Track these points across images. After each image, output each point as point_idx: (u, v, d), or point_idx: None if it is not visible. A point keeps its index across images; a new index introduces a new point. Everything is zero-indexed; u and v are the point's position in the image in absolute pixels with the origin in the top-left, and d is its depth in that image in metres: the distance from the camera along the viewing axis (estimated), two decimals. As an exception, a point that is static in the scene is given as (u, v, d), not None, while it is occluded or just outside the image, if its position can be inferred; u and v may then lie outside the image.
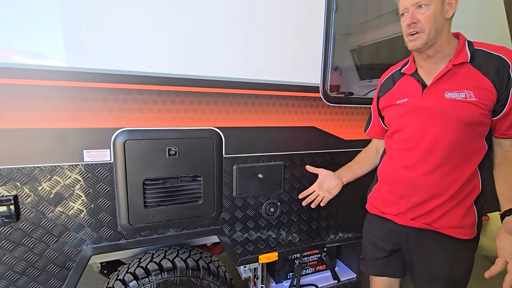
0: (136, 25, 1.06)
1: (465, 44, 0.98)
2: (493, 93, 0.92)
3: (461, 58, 0.95)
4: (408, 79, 1.08)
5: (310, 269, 1.80)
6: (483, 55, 0.95)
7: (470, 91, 0.93)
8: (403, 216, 1.09)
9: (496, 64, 0.92)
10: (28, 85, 0.95)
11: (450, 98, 0.96)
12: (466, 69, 0.95)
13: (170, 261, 1.25)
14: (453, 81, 0.96)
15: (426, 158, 1.01)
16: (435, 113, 0.98)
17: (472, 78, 0.94)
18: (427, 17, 0.92)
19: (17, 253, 1.02)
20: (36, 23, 0.94)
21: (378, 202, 1.20)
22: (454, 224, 1.01)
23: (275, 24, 1.26)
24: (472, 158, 0.98)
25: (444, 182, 0.99)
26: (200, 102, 1.18)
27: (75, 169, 1.05)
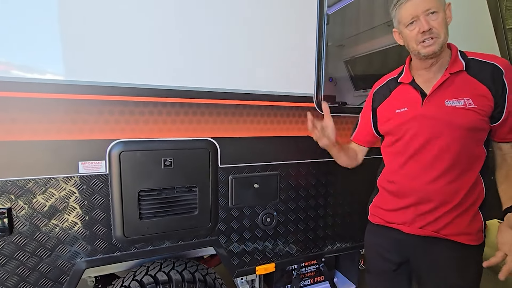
0: (132, 37, 1.08)
1: (458, 53, 1.01)
2: (490, 99, 0.94)
3: (457, 67, 0.98)
4: (405, 88, 1.09)
5: (308, 280, 1.78)
6: (477, 63, 0.98)
7: (469, 98, 0.95)
8: (411, 225, 1.07)
9: (491, 71, 0.95)
10: (24, 98, 0.97)
11: (450, 106, 0.97)
12: (463, 77, 0.98)
13: (166, 273, 1.23)
14: (452, 89, 0.98)
15: (431, 166, 1.01)
16: (437, 121, 0.99)
17: (470, 86, 0.96)
18: (439, 23, 0.94)
19: (9, 268, 1.01)
20: (30, 36, 0.96)
21: (381, 212, 1.18)
22: (462, 231, 1.01)
23: (269, 37, 1.30)
24: (474, 164, 1.00)
25: (450, 189, 0.99)
26: (196, 113, 1.20)
27: (70, 181, 1.05)
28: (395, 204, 1.12)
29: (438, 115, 0.99)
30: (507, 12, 4.51)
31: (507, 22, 4.38)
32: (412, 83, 1.06)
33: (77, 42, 1.02)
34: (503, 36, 1.99)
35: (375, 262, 1.21)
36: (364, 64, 2.52)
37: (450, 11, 0.98)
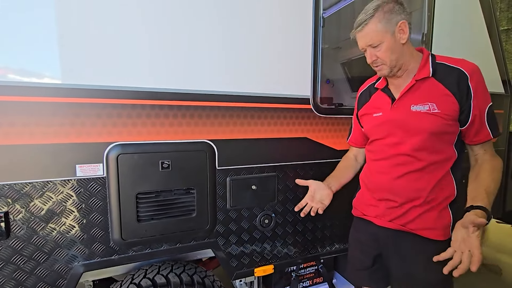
0: (129, 40, 1.09)
1: (428, 59, 1.05)
2: (455, 104, 0.99)
3: (423, 74, 1.03)
4: (380, 94, 1.17)
5: (307, 281, 1.78)
6: (444, 68, 1.02)
7: (433, 103, 1.01)
8: (382, 218, 1.15)
9: (456, 76, 0.99)
10: (22, 101, 0.97)
11: (415, 111, 1.03)
12: (430, 83, 1.03)
13: (164, 276, 1.23)
14: (417, 94, 1.04)
15: (399, 165, 1.08)
16: (404, 125, 1.06)
17: (435, 91, 1.01)
18: (383, 53, 1.02)
19: (6, 272, 1.00)
20: (27, 39, 0.97)
21: (361, 205, 1.26)
22: (428, 226, 1.06)
23: (266, 39, 1.31)
24: (443, 164, 1.04)
25: (416, 187, 1.05)
26: (193, 115, 1.20)
27: (68, 184, 1.05)
28: (370, 198, 1.21)
29: (404, 119, 1.06)
30: (501, 13, 4.57)
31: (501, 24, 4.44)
32: (385, 89, 1.15)
33: (74, 45, 1.02)
34: (497, 37, 2.01)
35: (355, 256, 1.29)
36: (361, 66, 2.54)
37: (405, 27, 0.99)
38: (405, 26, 1.00)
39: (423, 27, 1.72)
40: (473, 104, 0.98)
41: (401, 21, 0.99)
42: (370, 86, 1.25)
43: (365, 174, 1.25)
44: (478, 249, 0.87)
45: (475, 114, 0.98)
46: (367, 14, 1.01)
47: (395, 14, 0.99)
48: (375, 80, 1.23)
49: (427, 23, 1.71)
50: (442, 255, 0.93)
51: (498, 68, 2.03)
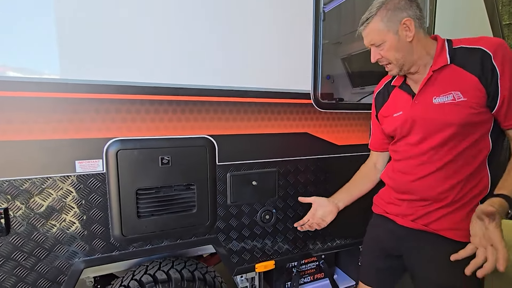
0: (128, 35, 1.08)
1: (444, 46, 0.96)
2: (482, 89, 0.88)
3: (440, 62, 0.94)
4: (398, 91, 1.09)
5: (309, 277, 1.78)
6: (463, 51, 0.92)
7: (457, 91, 0.91)
8: (404, 218, 1.08)
9: (478, 57, 0.89)
10: (19, 97, 0.96)
11: (438, 103, 0.94)
12: (450, 70, 0.94)
13: (165, 272, 1.23)
14: (438, 85, 0.95)
15: (424, 165, 1.00)
16: (427, 121, 0.97)
17: (458, 78, 0.92)
18: (386, 52, 0.96)
19: (7, 268, 1.00)
20: (24, 35, 0.96)
21: (382, 202, 1.19)
22: (453, 226, 0.98)
23: (266, 34, 1.30)
24: (475, 159, 0.95)
25: (443, 186, 0.97)
26: (192, 110, 1.19)
27: (67, 180, 1.05)
28: (393, 196, 1.12)
29: (427, 115, 0.97)
30: (503, 8, 4.52)
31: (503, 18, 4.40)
32: (402, 86, 1.06)
33: (73, 40, 1.01)
34: (500, 32, 1.99)
35: (369, 253, 1.23)
36: (361, 61, 2.52)
37: (410, 25, 0.92)
38: (410, 24, 0.92)
39: (425, 21, 1.70)
40: (500, 84, 0.86)
41: (406, 18, 0.92)
42: (387, 84, 1.16)
43: (387, 172, 1.18)
44: (501, 243, 0.75)
45: (504, 95, 0.87)
46: (370, 12, 0.96)
47: (399, 11, 0.93)
48: (392, 78, 1.14)
49: (429, 18, 1.69)
50: (460, 253, 0.82)
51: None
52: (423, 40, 0.96)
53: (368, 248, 1.25)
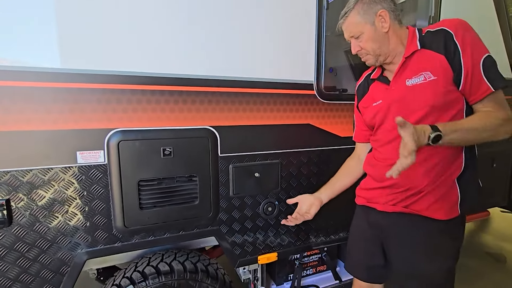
0: (129, 24, 1.06)
1: (414, 34, 1.01)
2: (448, 66, 0.93)
3: (411, 49, 1.00)
4: (377, 83, 1.14)
5: (311, 269, 1.78)
6: (430, 35, 0.98)
7: (427, 71, 0.96)
8: (385, 204, 1.12)
9: (442, 37, 0.94)
10: (19, 87, 0.95)
11: (411, 85, 0.99)
12: (420, 54, 0.99)
13: (168, 264, 1.23)
14: (410, 68, 1.00)
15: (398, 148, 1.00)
16: (403, 103, 1.01)
17: (427, 59, 0.97)
18: (364, 43, 1.02)
19: (10, 259, 1.00)
20: (27, 23, 0.94)
21: (363, 192, 1.23)
22: (431, 206, 1.01)
23: (269, 23, 1.27)
24: None
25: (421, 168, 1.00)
26: (194, 101, 1.18)
27: (69, 171, 1.04)
28: (374, 185, 1.17)
29: (402, 97, 1.01)
30: (509, -1, 4.45)
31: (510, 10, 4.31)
32: (380, 78, 1.12)
33: (73, 29, 0.99)
34: (506, 22, 1.95)
35: (354, 246, 1.28)
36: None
37: (385, 16, 0.98)
38: (385, 15, 0.98)
39: (430, 10, 1.67)
40: (463, 60, 0.91)
41: (381, 10, 0.98)
42: (367, 77, 1.22)
43: (368, 161, 1.22)
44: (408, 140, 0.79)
45: (467, 70, 0.91)
46: (348, 7, 1.04)
47: (374, 4, 0.99)
48: (371, 71, 1.20)
49: (434, 6, 1.65)
50: None
51: (507, 53, 1.98)
52: (398, 31, 1.03)
53: (353, 241, 1.30)
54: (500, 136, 0.91)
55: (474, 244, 2.97)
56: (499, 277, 2.34)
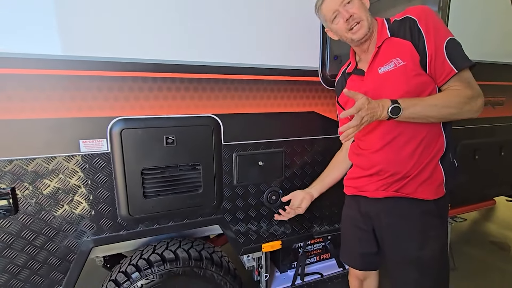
0: (129, 10, 1.03)
1: (384, 23, 1.05)
2: (415, 51, 0.97)
3: (382, 38, 1.03)
4: (353, 77, 1.17)
5: (315, 257, 1.79)
6: (397, 23, 1.02)
7: (397, 58, 0.99)
8: (374, 190, 1.13)
9: (407, 24, 0.99)
10: (21, 74, 0.94)
11: (383, 72, 1.02)
12: (390, 42, 1.02)
13: (173, 252, 1.24)
14: (381, 56, 1.04)
15: (384, 136, 1.05)
16: (377, 91, 1.03)
17: (396, 47, 1.00)
18: (358, 8, 1.01)
19: (18, 246, 1.01)
20: (28, 9, 0.92)
21: (351, 181, 1.24)
22: (420, 187, 1.04)
23: (273, 9, 1.24)
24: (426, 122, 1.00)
25: (404, 152, 1.03)
26: (197, 88, 1.16)
27: (72, 159, 1.04)
28: (361, 172, 1.18)
29: (376, 85, 1.04)
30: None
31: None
32: (355, 70, 1.15)
33: (74, 15, 0.97)
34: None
35: (347, 235, 1.30)
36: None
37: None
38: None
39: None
40: (427, 44, 0.95)
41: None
42: (343, 72, 1.24)
43: (353, 150, 1.23)
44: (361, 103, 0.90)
45: (431, 52, 0.95)
46: None
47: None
48: (346, 66, 1.22)
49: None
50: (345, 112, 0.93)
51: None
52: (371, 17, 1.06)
53: (346, 230, 1.32)
54: (465, 114, 0.95)
55: (479, 233, 2.97)
56: (503, 266, 2.33)
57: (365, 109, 0.90)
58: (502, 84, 1.89)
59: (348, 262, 1.32)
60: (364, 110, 0.90)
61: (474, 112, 0.96)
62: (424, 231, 1.06)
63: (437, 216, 1.07)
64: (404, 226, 1.08)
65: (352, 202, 1.25)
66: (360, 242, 1.23)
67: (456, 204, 1.93)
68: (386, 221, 1.12)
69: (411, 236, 1.07)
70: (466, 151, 1.82)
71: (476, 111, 0.96)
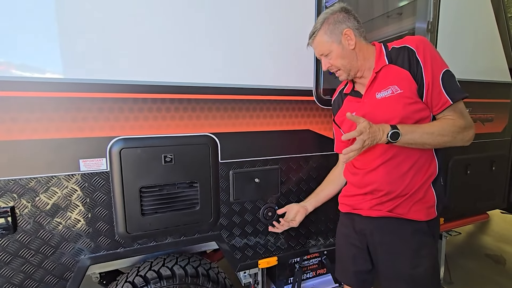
0: (130, 35, 1.08)
1: (382, 50, 1.09)
2: (412, 80, 1.01)
3: (380, 64, 1.07)
4: (350, 98, 1.21)
5: (311, 273, 1.79)
6: (395, 51, 1.06)
7: (394, 85, 1.03)
8: (368, 209, 1.16)
9: (406, 54, 1.03)
10: (24, 97, 0.97)
11: (381, 98, 1.06)
12: (388, 69, 1.06)
13: (169, 268, 1.24)
14: (379, 82, 1.08)
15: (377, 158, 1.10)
16: (374, 115, 1.07)
17: (394, 74, 1.04)
18: (334, 60, 1.10)
19: (15, 265, 1.02)
20: (29, 32, 0.96)
21: (346, 199, 1.27)
22: (412, 208, 1.08)
23: (267, 30, 1.29)
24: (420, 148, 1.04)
25: (396, 173, 1.07)
26: (195, 108, 1.20)
27: (72, 179, 1.06)
28: (356, 191, 1.22)
29: (373, 110, 1.08)
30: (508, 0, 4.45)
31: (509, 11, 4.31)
32: (352, 92, 1.20)
33: (75, 40, 1.01)
34: (505, 25, 1.96)
35: (342, 253, 1.32)
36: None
37: (350, 34, 1.05)
38: (350, 33, 1.05)
39: (428, 15, 1.68)
40: (424, 74, 0.99)
41: (346, 29, 1.06)
42: (341, 92, 1.28)
43: (348, 169, 1.27)
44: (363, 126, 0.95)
45: (428, 83, 0.99)
46: (315, 27, 1.10)
47: (339, 23, 1.06)
48: (343, 86, 1.27)
49: (432, 11, 1.67)
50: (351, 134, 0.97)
51: (506, 56, 1.99)
52: (365, 47, 1.10)
53: (340, 248, 1.33)
54: (458, 142, 1.01)
55: (474, 246, 2.98)
56: (500, 279, 2.34)
57: (366, 133, 0.93)
58: (491, 101, 1.96)
59: (342, 279, 1.33)
60: (365, 133, 0.93)
61: (466, 141, 1.02)
62: (416, 249, 1.08)
63: (429, 235, 1.09)
64: (397, 244, 1.11)
65: (347, 219, 1.27)
66: (354, 260, 1.24)
67: (449, 219, 1.96)
68: (379, 239, 1.14)
69: (404, 254, 1.09)
70: (458, 166, 1.86)
71: (468, 140, 1.02)
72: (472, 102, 1.86)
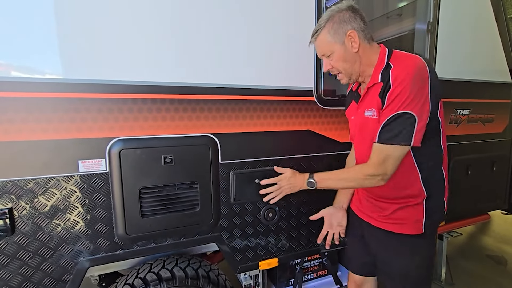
0: (129, 34, 1.07)
1: (382, 62, 1.01)
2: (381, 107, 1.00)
3: (373, 80, 1.03)
4: (353, 102, 1.21)
5: (312, 274, 1.78)
6: (387, 73, 0.97)
7: (374, 109, 1.02)
8: (361, 212, 1.26)
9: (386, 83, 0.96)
10: (22, 97, 0.96)
11: (366, 117, 1.06)
12: (377, 88, 1.01)
13: (169, 270, 1.23)
14: (368, 99, 1.06)
15: None
16: (360, 129, 1.11)
17: (376, 97, 1.01)
18: (335, 62, 1.05)
19: (13, 267, 1.01)
20: (28, 34, 0.95)
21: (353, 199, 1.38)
22: (397, 221, 1.11)
23: (268, 30, 1.28)
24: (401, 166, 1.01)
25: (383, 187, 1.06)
26: (194, 109, 1.19)
27: (71, 180, 1.05)
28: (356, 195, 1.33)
29: (360, 124, 1.11)
30: (508, 1, 4.46)
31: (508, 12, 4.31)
32: (355, 92, 1.19)
33: (74, 39, 1.00)
34: (505, 26, 1.96)
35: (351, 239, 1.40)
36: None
37: (354, 36, 1.00)
38: (354, 35, 0.99)
39: (428, 16, 1.68)
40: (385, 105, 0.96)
41: (350, 30, 0.99)
42: (351, 90, 1.28)
43: None
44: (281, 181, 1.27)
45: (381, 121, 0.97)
46: (319, 25, 1.04)
47: (344, 23, 1.00)
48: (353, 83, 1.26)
49: (432, 11, 1.67)
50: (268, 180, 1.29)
51: (506, 56, 1.99)
52: (368, 51, 1.04)
53: (349, 237, 1.41)
54: (366, 185, 1.07)
55: (475, 247, 2.97)
56: (501, 280, 2.33)
57: (285, 180, 1.23)
58: (491, 102, 1.95)
59: (348, 266, 1.42)
60: (284, 181, 1.23)
61: (374, 184, 1.02)
62: (411, 251, 1.11)
63: (422, 237, 1.10)
64: (391, 244, 1.15)
65: (351, 212, 1.37)
66: (360, 251, 1.30)
67: (450, 220, 1.95)
68: (375, 236, 1.20)
69: (398, 254, 1.13)
70: (459, 167, 1.85)
71: (375, 183, 1.02)
72: (472, 103, 1.86)
